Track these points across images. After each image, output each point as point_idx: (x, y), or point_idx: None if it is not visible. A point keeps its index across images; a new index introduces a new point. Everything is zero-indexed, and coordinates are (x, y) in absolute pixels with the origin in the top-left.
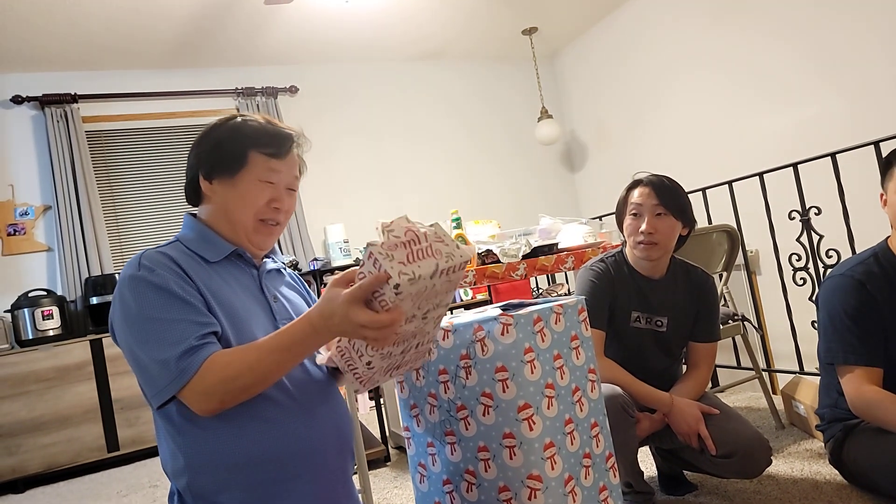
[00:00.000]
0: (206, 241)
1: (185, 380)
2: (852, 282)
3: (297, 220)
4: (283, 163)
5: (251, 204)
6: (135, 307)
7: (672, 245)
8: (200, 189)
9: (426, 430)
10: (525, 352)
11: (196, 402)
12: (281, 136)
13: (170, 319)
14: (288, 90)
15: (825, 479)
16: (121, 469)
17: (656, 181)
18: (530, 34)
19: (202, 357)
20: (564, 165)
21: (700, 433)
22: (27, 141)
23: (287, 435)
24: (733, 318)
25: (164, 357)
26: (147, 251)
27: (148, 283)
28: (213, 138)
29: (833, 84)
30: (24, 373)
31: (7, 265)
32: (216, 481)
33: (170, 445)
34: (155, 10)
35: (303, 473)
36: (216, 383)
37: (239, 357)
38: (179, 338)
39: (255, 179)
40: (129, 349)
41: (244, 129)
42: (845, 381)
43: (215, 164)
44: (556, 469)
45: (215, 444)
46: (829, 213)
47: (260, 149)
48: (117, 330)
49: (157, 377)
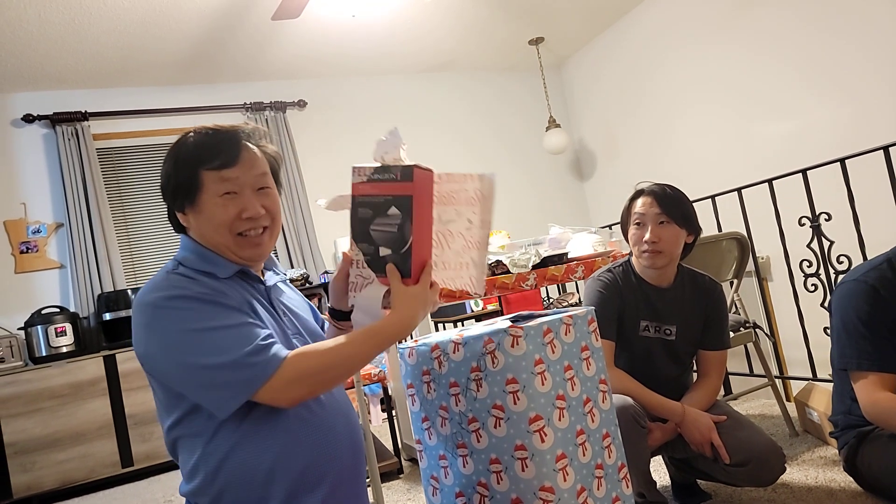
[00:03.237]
0: (209, 260)
1: (271, 370)
2: (866, 287)
3: (308, 234)
4: (238, 168)
5: (221, 223)
6: (179, 325)
7: (677, 252)
8: (178, 220)
9: (438, 442)
10: (535, 363)
11: (283, 390)
12: (224, 143)
13: (227, 325)
14: (296, 104)
15: (840, 487)
16: (135, 484)
17: (658, 190)
18: (537, 44)
19: (283, 350)
20: (573, 174)
21: (713, 442)
22: (39, 159)
23: (311, 447)
24: (744, 326)
25: (238, 357)
26: (169, 273)
27: (186, 299)
28: (164, 172)
29: (841, 89)
30: (38, 389)
31: (20, 283)
32: (245, 496)
33: (195, 462)
34: (163, 28)
35: (324, 483)
36: (312, 370)
37: (333, 348)
38: (247, 338)
39: (214, 197)
40: (182, 368)
41: (185, 153)
42: (859, 387)
43: (176, 195)
44: (569, 480)
45: (244, 457)
46: (839, 219)
47: (207, 165)
48: (158, 359)
49: (238, 377)
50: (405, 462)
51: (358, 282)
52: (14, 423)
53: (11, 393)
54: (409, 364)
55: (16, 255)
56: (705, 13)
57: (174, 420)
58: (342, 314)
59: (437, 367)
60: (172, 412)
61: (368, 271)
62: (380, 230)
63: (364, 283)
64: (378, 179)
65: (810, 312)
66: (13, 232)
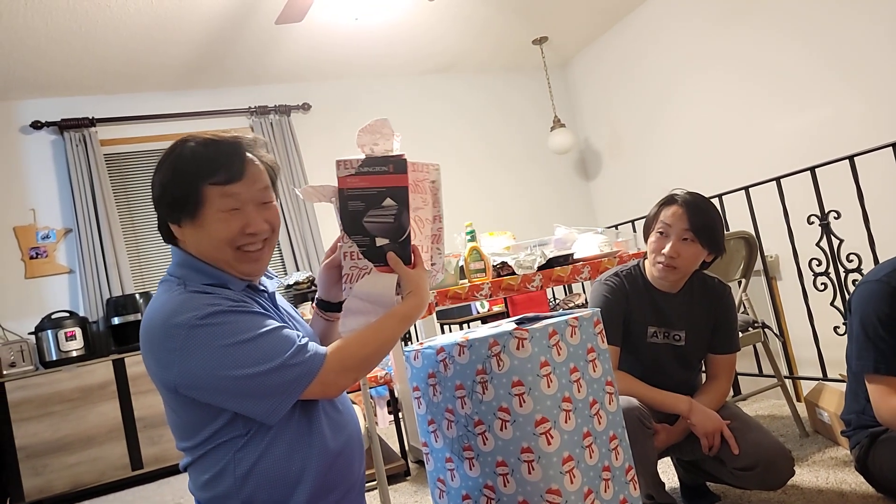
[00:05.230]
0: (214, 276)
1: (317, 366)
2: (888, 289)
3: (313, 237)
4: (242, 183)
5: (222, 239)
6: (219, 341)
7: (692, 270)
8: (171, 231)
9: (444, 445)
10: (541, 366)
11: (332, 382)
12: (227, 156)
13: (264, 332)
14: (301, 107)
15: (851, 489)
16: (145, 487)
17: (691, 203)
18: (541, 44)
19: (321, 346)
20: (579, 174)
21: (723, 433)
22: (47, 165)
23: (326, 451)
24: (753, 326)
25: (284, 360)
26: (180, 297)
27: (219, 314)
28: (158, 182)
29: (850, 84)
30: (49, 394)
31: (30, 288)
32: (274, 497)
33: (221, 468)
34: (168, 34)
35: (338, 486)
36: (357, 359)
37: (366, 334)
38: (286, 340)
39: (217, 213)
40: (229, 382)
41: (186, 165)
42: (873, 389)
43: (172, 208)
44: (576, 483)
45: (276, 459)
46: (848, 217)
47: (210, 180)
48: (202, 378)
49: (282, 382)
50: (412, 464)
51: (353, 273)
52: (25, 427)
53: (23, 397)
54: (415, 367)
55: (25, 260)
56: (709, 9)
57: (208, 435)
58: (329, 305)
59: (443, 369)
60: (205, 428)
61: (365, 262)
62: (375, 221)
63: (361, 274)
64: (368, 172)
65: (820, 312)
66: (23, 238)
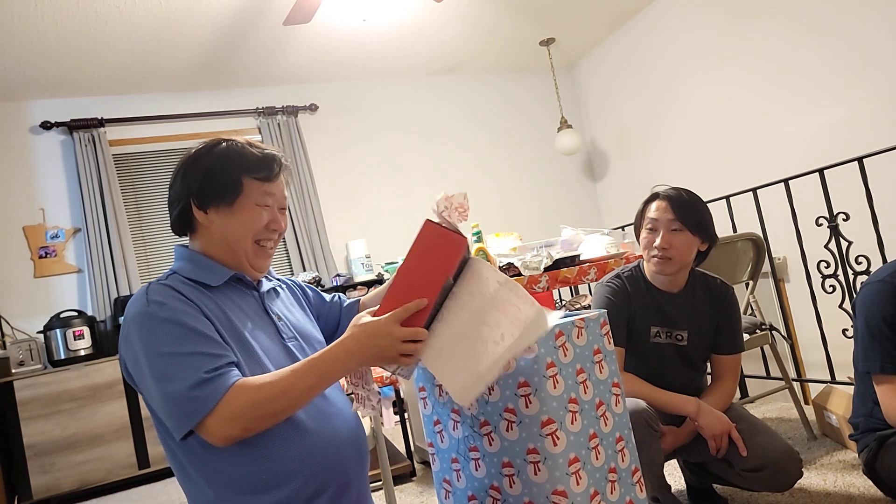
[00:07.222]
0: (203, 267)
1: (209, 406)
2: (892, 289)
3: (319, 237)
4: (275, 185)
5: (252, 228)
6: (146, 346)
7: (688, 260)
8: (192, 219)
9: (450, 446)
10: (547, 367)
11: (219, 429)
12: (268, 160)
13: (185, 353)
14: (308, 108)
15: (859, 492)
16: (152, 486)
17: (674, 195)
18: (548, 45)
19: (226, 384)
20: (586, 175)
21: (731, 435)
22: (57, 165)
23: (312, 452)
24: (761, 328)
25: (182, 388)
26: (152, 284)
27: (157, 319)
28: (202, 168)
29: (859, 86)
30: (57, 392)
31: (39, 287)
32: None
33: (195, 479)
34: (176, 35)
35: (329, 487)
36: (246, 407)
37: (271, 382)
38: (197, 369)
39: (253, 204)
40: (146, 388)
41: (233, 157)
42: (881, 390)
43: (209, 193)
44: (582, 484)
45: (243, 468)
46: (857, 219)
47: (252, 174)
48: (131, 371)
49: (179, 410)
50: (418, 465)
51: (360, 394)
52: (34, 426)
53: (31, 395)
54: (421, 367)
55: (35, 259)
56: (716, 9)
57: None
58: None
59: None
60: None
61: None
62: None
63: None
64: None
65: (828, 314)
66: (32, 237)
